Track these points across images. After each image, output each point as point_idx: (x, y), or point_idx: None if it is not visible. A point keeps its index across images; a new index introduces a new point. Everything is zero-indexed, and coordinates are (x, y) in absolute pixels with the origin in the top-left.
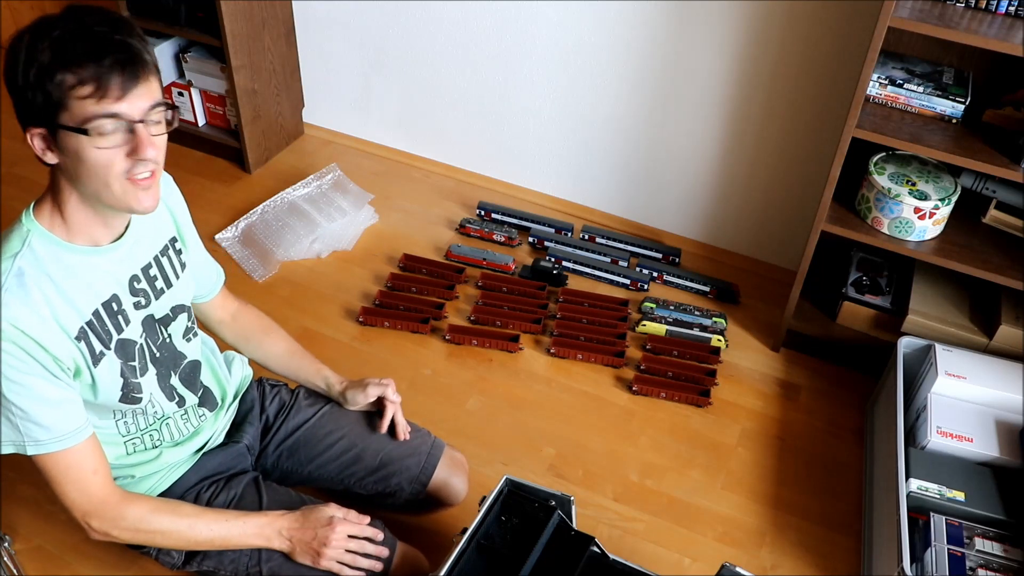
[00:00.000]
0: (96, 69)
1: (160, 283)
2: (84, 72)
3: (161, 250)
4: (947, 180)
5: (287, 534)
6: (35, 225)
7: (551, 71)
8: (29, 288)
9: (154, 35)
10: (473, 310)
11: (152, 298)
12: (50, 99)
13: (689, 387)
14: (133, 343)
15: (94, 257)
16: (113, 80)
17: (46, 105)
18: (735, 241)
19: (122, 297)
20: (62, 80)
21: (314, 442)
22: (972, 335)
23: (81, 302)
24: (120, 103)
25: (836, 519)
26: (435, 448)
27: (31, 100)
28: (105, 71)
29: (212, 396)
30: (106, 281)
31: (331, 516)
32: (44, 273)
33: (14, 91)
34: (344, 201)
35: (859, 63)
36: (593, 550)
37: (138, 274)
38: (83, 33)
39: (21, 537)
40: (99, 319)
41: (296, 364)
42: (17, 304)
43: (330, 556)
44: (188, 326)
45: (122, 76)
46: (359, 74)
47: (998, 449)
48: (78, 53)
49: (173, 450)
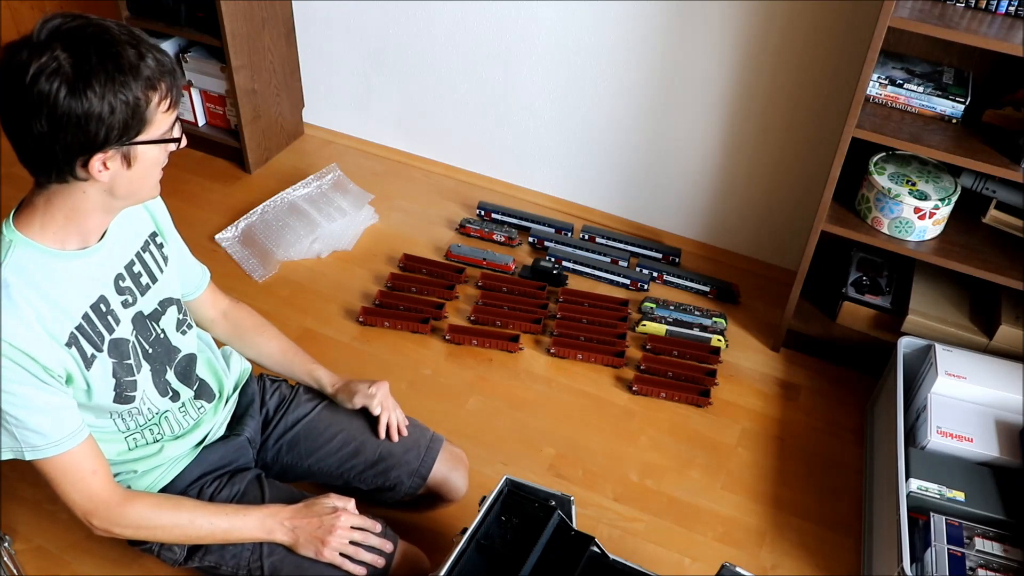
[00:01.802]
0: (168, 82)
1: (145, 279)
2: (163, 88)
3: (142, 246)
4: (947, 180)
5: (289, 524)
6: (16, 235)
7: (551, 71)
8: (15, 299)
9: (154, 35)
10: (473, 310)
11: (138, 295)
12: (132, 120)
13: (689, 387)
14: (126, 341)
15: (78, 261)
16: (176, 87)
17: (125, 127)
18: (735, 241)
19: (109, 297)
20: (146, 99)
21: (314, 436)
22: (972, 335)
23: (69, 307)
24: (178, 105)
25: (836, 519)
26: (434, 442)
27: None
28: (171, 81)
29: (209, 388)
30: (92, 283)
31: (335, 505)
32: (30, 282)
33: (59, 127)
34: (344, 201)
35: (859, 63)
36: (593, 550)
37: (122, 272)
38: (138, 54)
39: (21, 537)
40: (89, 322)
41: (289, 362)
42: (5, 316)
43: (334, 546)
44: (180, 319)
45: (173, 82)
46: (359, 74)
47: (998, 449)
48: (155, 72)
49: (174, 443)
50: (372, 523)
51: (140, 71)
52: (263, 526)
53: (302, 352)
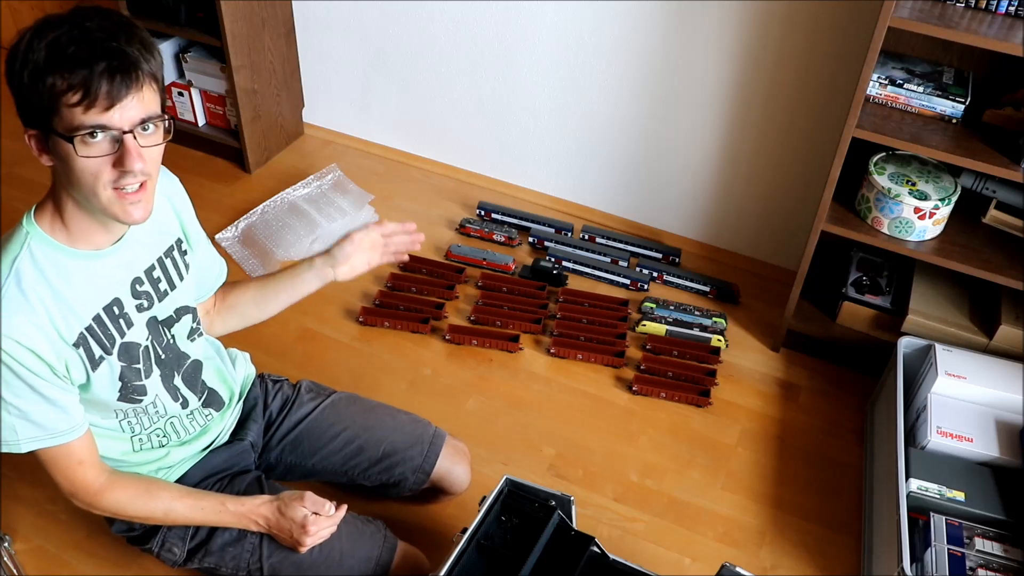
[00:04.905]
0: (86, 76)
1: (164, 285)
2: (74, 78)
3: (165, 252)
4: (947, 180)
5: (264, 523)
6: (35, 228)
7: (551, 71)
8: (27, 294)
9: (154, 35)
10: (473, 310)
11: (155, 300)
12: (42, 102)
13: (689, 387)
14: (137, 345)
15: (94, 261)
16: (102, 89)
17: (39, 108)
18: (735, 241)
19: (124, 300)
20: (52, 84)
21: (317, 435)
22: (972, 335)
23: (80, 307)
24: (108, 113)
25: (836, 519)
26: (437, 437)
27: (28, 101)
28: (95, 79)
29: (218, 397)
30: (106, 284)
31: (304, 516)
32: (43, 278)
33: (15, 91)
34: (344, 201)
35: (859, 63)
36: (593, 550)
37: (140, 276)
38: (80, 37)
39: (21, 537)
40: (100, 324)
41: (273, 286)
42: (13, 311)
43: (308, 544)
44: (193, 327)
45: (111, 85)
46: (359, 74)
47: (998, 449)
48: (70, 57)
49: (180, 448)
50: (339, 516)
51: (62, 52)
52: (239, 521)
53: (276, 274)
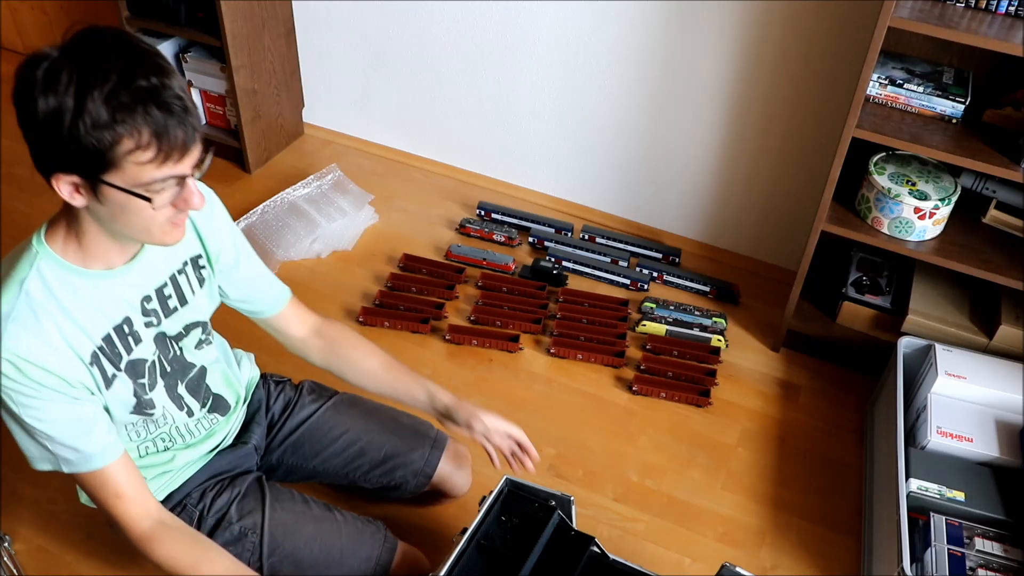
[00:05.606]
0: (158, 134)
1: (174, 302)
2: (144, 137)
3: (179, 268)
4: (947, 180)
5: None
6: (45, 248)
7: (552, 71)
8: (39, 315)
9: (154, 35)
10: (473, 310)
11: (163, 316)
12: (101, 157)
13: (689, 387)
14: (143, 362)
15: (105, 281)
16: (176, 144)
17: (92, 160)
18: (735, 241)
19: (134, 318)
20: (118, 141)
21: (319, 437)
22: (972, 335)
23: (91, 327)
24: (181, 163)
25: (836, 519)
26: (438, 441)
27: (72, 155)
28: (167, 136)
29: (224, 401)
30: (117, 304)
31: None
32: (53, 298)
33: (46, 142)
34: (344, 201)
35: (859, 63)
36: (593, 550)
37: (150, 294)
38: (139, 90)
39: (21, 537)
40: (110, 343)
41: (393, 378)
42: (27, 333)
43: None
44: (201, 339)
45: (184, 138)
46: (359, 74)
47: (998, 449)
48: (138, 115)
49: (185, 452)
50: None
51: (126, 108)
52: None
53: (406, 367)
